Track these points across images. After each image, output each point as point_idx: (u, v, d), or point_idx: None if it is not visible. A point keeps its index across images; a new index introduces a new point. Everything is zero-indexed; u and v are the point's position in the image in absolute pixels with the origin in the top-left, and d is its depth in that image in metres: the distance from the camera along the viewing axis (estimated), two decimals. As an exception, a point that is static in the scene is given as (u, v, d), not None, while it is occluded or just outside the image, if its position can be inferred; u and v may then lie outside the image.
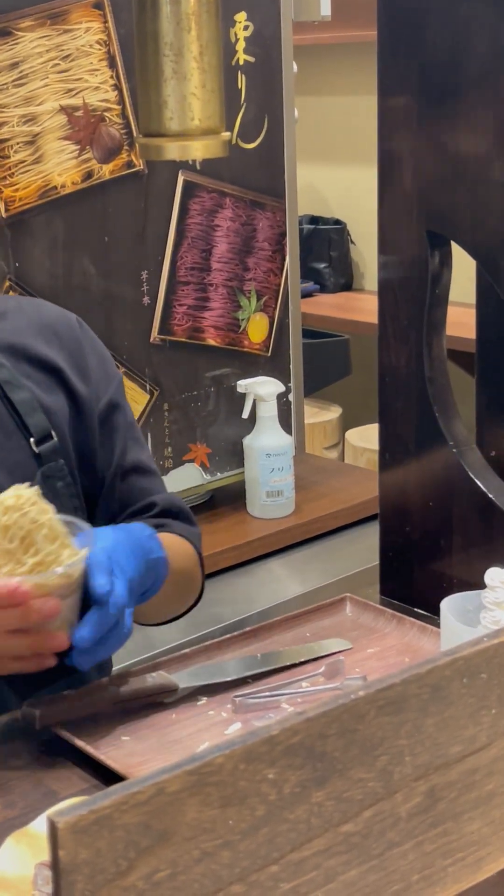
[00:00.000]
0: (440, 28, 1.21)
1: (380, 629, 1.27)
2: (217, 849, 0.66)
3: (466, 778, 0.78)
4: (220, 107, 0.84)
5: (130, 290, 1.83)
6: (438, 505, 1.32)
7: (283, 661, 1.20)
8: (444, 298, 1.29)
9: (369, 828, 0.74)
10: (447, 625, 1.10)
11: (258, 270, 1.99)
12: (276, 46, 1.94)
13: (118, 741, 1.08)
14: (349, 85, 3.75)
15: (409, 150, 1.27)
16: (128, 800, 0.62)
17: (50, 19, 1.67)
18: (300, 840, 0.70)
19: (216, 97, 0.84)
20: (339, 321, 3.44)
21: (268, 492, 1.94)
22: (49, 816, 0.59)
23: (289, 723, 0.68)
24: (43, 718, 1.06)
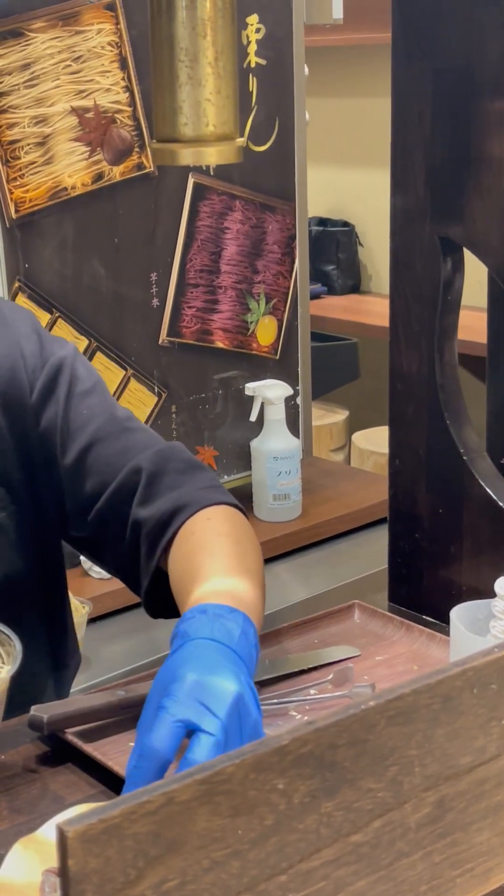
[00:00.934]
0: (455, 32, 1.21)
1: (388, 636, 1.27)
2: (226, 858, 0.66)
3: (476, 788, 0.78)
4: (234, 113, 0.84)
5: (140, 291, 1.83)
6: (448, 512, 1.32)
7: (290, 667, 1.20)
8: (456, 305, 1.28)
9: (378, 838, 0.73)
10: (457, 634, 1.09)
11: (267, 273, 1.99)
12: (288, 49, 1.94)
13: (126, 747, 1.07)
14: (358, 87, 3.74)
15: (423, 155, 1.26)
16: (137, 809, 0.62)
17: (62, 20, 1.67)
18: (309, 850, 0.70)
19: (231, 103, 0.83)
20: (346, 323, 3.44)
21: (275, 495, 1.94)
22: (59, 825, 0.59)
23: (299, 732, 0.67)
24: (51, 724, 1.06)
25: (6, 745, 1.09)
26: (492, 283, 1.35)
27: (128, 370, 1.83)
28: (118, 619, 1.73)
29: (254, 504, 1.97)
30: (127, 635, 1.69)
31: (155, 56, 0.84)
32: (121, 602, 1.72)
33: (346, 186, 3.83)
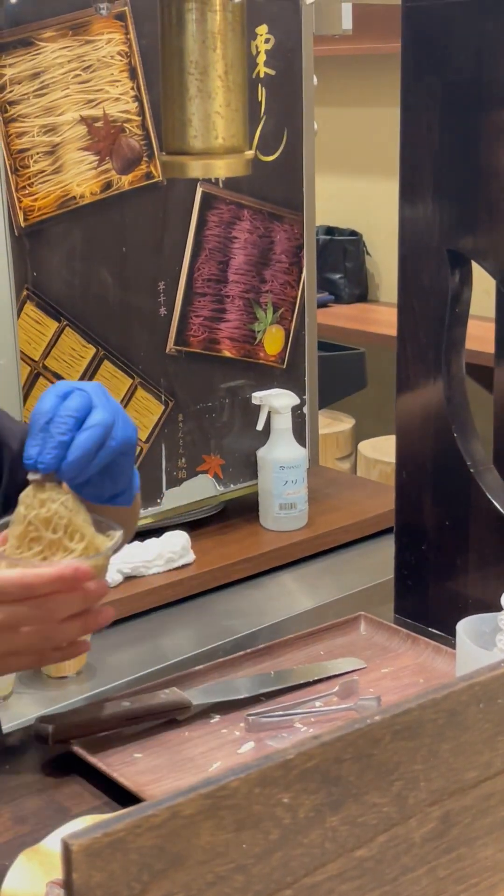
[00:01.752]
0: (464, 45, 1.21)
1: (394, 649, 1.27)
2: (230, 873, 0.66)
3: (481, 803, 0.78)
4: (244, 125, 0.84)
5: (147, 300, 1.83)
6: (455, 524, 1.32)
7: (296, 679, 1.20)
8: (463, 317, 1.28)
9: (383, 853, 0.73)
10: (463, 647, 1.09)
11: (275, 283, 1.99)
12: (297, 59, 1.94)
13: (130, 758, 1.07)
14: (366, 97, 3.75)
15: (431, 168, 1.26)
16: (142, 823, 0.62)
17: (72, 30, 1.67)
18: (314, 864, 0.70)
19: (240, 116, 0.84)
20: (353, 332, 3.44)
21: (281, 504, 1.94)
22: (63, 838, 0.59)
23: (304, 747, 0.67)
24: (55, 734, 1.06)
25: (11, 755, 1.09)
26: (499, 293, 1.35)
27: (135, 379, 1.83)
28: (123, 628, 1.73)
29: (260, 513, 1.97)
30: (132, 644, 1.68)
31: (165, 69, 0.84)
32: (126, 610, 1.72)
33: (353, 195, 3.83)
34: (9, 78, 1.62)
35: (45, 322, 1.72)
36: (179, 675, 1.20)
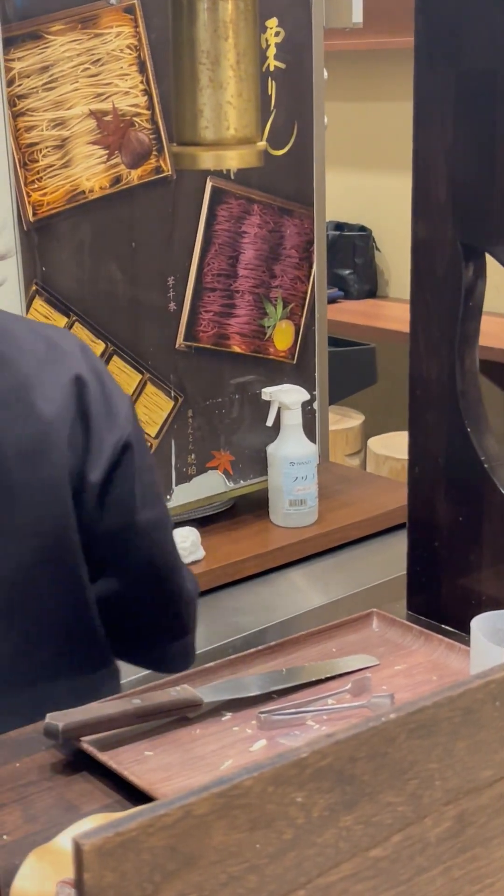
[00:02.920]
0: (478, 36, 1.20)
1: (407, 646, 1.26)
2: (243, 873, 0.65)
3: (497, 802, 0.77)
4: (256, 116, 0.83)
5: (157, 295, 1.82)
6: (468, 520, 1.31)
7: (308, 676, 1.19)
8: (477, 311, 1.27)
9: (398, 852, 0.72)
10: (477, 644, 1.08)
11: (285, 278, 1.98)
12: (307, 53, 1.93)
13: (141, 756, 1.06)
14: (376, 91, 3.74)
15: (444, 160, 1.25)
16: (154, 822, 0.61)
17: (81, 23, 1.66)
18: (328, 864, 0.69)
19: (252, 106, 0.83)
20: (363, 328, 3.43)
21: (291, 500, 1.93)
22: (75, 838, 0.58)
23: (318, 745, 0.67)
24: (66, 732, 1.05)
25: (21, 753, 1.08)
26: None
27: (144, 374, 1.82)
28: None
29: (270, 509, 1.97)
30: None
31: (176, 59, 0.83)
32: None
33: (363, 191, 3.82)
34: (17, 72, 1.62)
35: (55, 317, 1.71)
36: (190, 672, 1.19)
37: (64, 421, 1.13)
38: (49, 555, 1.14)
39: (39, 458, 1.11)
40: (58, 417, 1.12)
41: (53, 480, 1.12)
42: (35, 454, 1.11)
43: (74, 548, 1.16)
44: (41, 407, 1.11)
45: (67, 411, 1.13)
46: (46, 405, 1.12)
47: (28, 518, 1.12)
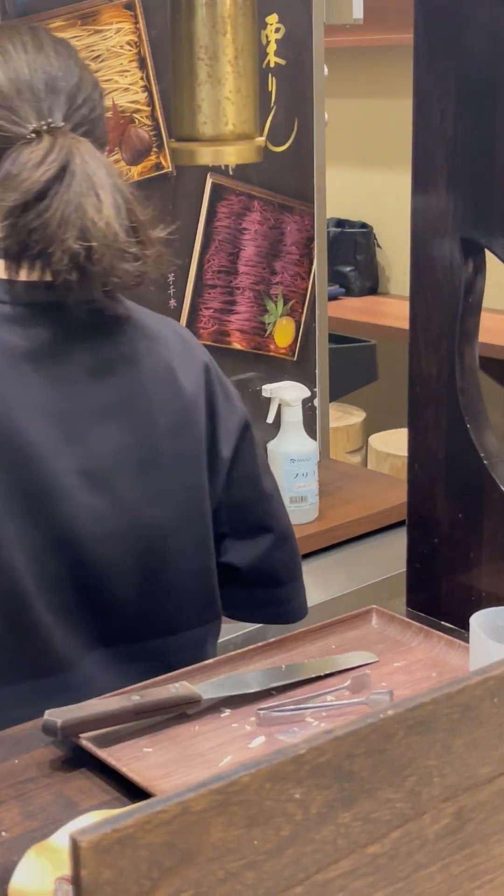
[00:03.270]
0: (478, 32, 1.20)
1: (406, 642, 1.26)
2: (241, 869, 0.65)
3: (495, 799, 0.77)
4: (254, 112, 0.83)
5: (157, 292, 1.82)
6: (468, 517, 1.31)
7: (307, 673, 1.19)
8: (477, 307, 1.27)
9: (396, 849, 0.72)
10: (476, 641, 1.08)
11: (285, 274, 1.98)
12: (308, 49, 1.93)
13: (140, 753, 1.06)
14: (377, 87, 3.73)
15: (444, 157, 1.25)
16: (152, 819, 0.61)
17: (81, 20, 1.66)
18: (326, 861, 0.69)
19: (251, 102, 0.82)
20: (364, 325, 3.43)
21: (292, 497, 1.93)
22: (72, 835, 0.58)
23: (316, 742, 0.66)
24: (65, 728, 1.05)
25: (20, 749, 1.08)
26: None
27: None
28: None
29: (271, 506, 1.96)
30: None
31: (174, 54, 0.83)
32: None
33: (364, 187, 3.82)
34: (17, 68, 1.61)
35: (55, 314, 1.71)
36: (189, 668, 1.19)
37: (198, 402, 1.29)
38: (185, 522, 1.27)
39: (183, 432, 1.27)
40: (195, 398, 1.28)
41: (193, 453, 1.28)
42: (180, 427, 1.26)
43: (206, 517, 1.30)
44: (184, 386, 1.27)
45: (199, 394, 1.29)
46: (187, 386, 1.28)
47: (171, 485, 1.26)
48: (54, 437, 1.19)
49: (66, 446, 1.19)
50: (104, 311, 1.23)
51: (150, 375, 1.25)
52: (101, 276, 1.17)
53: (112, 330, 1.25)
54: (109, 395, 1.23)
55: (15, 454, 1.16)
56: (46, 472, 1.18)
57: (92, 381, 1.22)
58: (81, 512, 1.20)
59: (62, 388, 1.20)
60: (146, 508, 1.24)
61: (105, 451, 1.22)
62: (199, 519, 1.29)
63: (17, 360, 1.18)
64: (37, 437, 1.17)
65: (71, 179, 1.16)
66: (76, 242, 1.15)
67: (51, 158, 1.16)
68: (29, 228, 1.15)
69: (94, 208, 1.16)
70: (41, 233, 1.15)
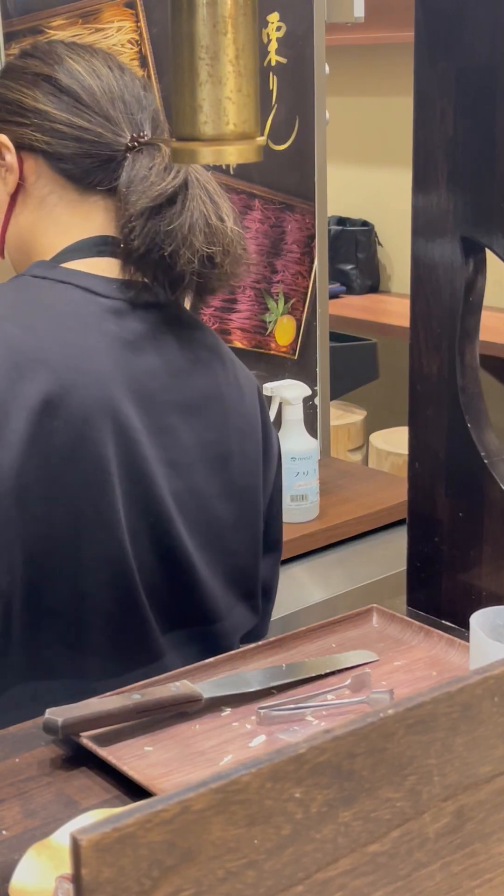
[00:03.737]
0: (478, 31, 1.20)
1: (407, 641, 1.26)
2: (242, 868, 0.65)
3: (496, 798, 0.77)
4: (255, 111, 0.83)
5: (158, 291, 1.82)
6: (468, 516, 1.31)
7: (308, 672, 1.19)
8: (477, 306, 1.27)
9: (396, 848, 0.72)
10: (476, 640, 1.08)
11: (286, 273, 1.98)
12: (309, 47, 1.92)
13: (141, 752, 1.06)
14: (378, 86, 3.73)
15: (445, 155, 1.25)
16: (152, 818, 0.61)
17: (82, 18, 1.66)
18: (326, 860, 0.69)
19: (252, 101, 0.82)
20: (365, 323, 3.43)
21: (292, 496, 1.93)
22: (72, 833, 0.58)
23: (316, 741, 0.66)
24: (65, 727, 1.05)
25: (20, 748, 1.09)
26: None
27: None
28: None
29: (271, 505, 1.96)
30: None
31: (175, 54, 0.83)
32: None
33: (365, 186, 3.82)
34: (18, 66, 1.61)
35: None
36: (190, 667, 1.19)
37: (256, 411, 1.39)
38: (243, 520, 1.36)
39: (247, 435, 1.36)
40: (253, 406, 1.39)
41: (254, 456, 1.37)
42: (245, 431, 1.36)
43: (260, 518, 1.39)
44: (248, 400, 1.38)
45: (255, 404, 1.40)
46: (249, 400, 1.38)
47: (237, 483, 1.34)
48: (147, 424, 1.25)
49: (155, 436, 1.26)
50: (186, 315, 1.33)
51: (223, 378, 1.34)
52: (219, 279, 1.27)
53: (192, 333, 1.33)
54: (191, 392, 1.30)
55: (120, 433, 1.22)
56: (145, 456, 1.24)
57: (177, 377, 1.29)
58: (170, 499, 1.27)
59: (155, 380, 1.27)
60: (217, 502, 1.32)
61: (188, 445, 1.29)
62: (254, 519, 1.38)
63: (118, 349, 1.24)
64: (135, 422, 1.23)
65: (193, 187, 1.24)
66: (204, 246, 1.23)
67: (176, 166, 1.24)
68: (157, 231, 1.22)
69: (216, 215, 1.25)
70: (173, 236, 1.23)
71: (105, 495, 1.21)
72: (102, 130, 1.26)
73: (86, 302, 1.25)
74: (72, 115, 1.26)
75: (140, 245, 1.23)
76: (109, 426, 1.21)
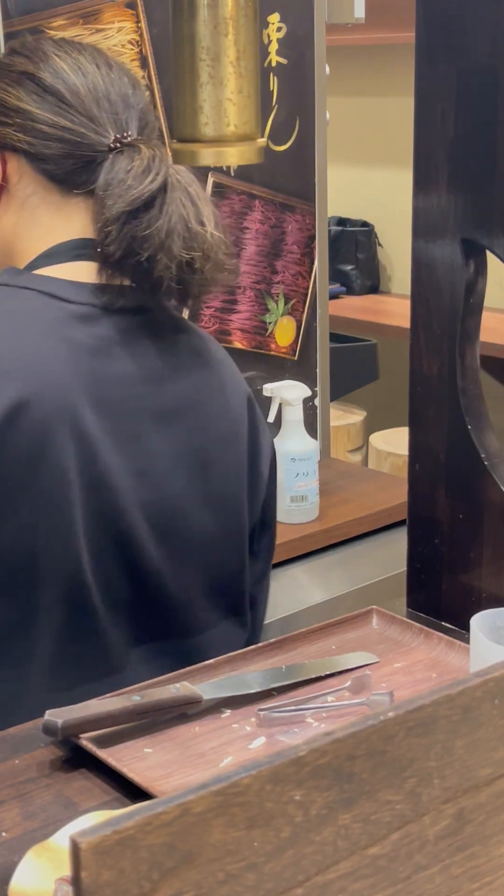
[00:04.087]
0: (479, 32, 1.20)
1: (407, 643, 1.26)
2: (242, 871, 0.65)
3: (496, 800, 0.77)
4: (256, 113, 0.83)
5: (158, 291, 1.82)
6: (468, 517, 1.31)
7: (308, 673, 1.19)
8: (478, 308, 1.27)
9: (396, 851, 0.72)
10: (477, 642, 1.08)
11: (286, 273, 1.98)
12: (309, 48, 1.92)
13: (141, 753, 1.06)
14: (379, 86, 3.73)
15: (446, 157, 1.25)
16: (152, 820, 0.61)
17: (82, 18, 1.66)
18: (326, 862, 0.69)
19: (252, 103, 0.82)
20: (365, 324, 3.43)
21: (292, 496, 1.93)
22: (72, 836, 0.58)
23: (317, 744, 0.66)
24: (65, 728, 1.05)
25: (20, 749, 1.08)
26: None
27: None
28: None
29: (271, 506, 1.96)
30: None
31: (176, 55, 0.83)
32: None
33: (365, 186, 3.82)
34: (19, 67, 1.61)
35: (56, 313, 1.71)
36: (190, 668, 1.19)
37: (242, 418, 1.35)
38: (225, 530, 1.33)
39: (229, 445, 1.33)
40: (240, 414, 1.35)
41: (236, 467, 1.34)
42: (227, 440, 1.32)
43: (244, 529, 1.35)
44: (231, 401, 1.34)
45: (243, 412, 1.35)
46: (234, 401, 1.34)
47: (217, 494, 1.31)
48: (111, 433, 1.22)
49: (121, 445, 1.22)
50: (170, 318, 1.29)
51: (205, 384, 1.31)
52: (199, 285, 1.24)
53: (176, 337, 1.30)
54: (167, 399, 1.27)
55: (80, 443, 1.19)
56: (108, 466, 1.21)
57: (152, 384, 1.26)
58: (137, 511, 1.23)
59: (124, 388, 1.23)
60: (195, 513, 1.29)
61: (161, 453, 1.26)
62: (237, 529, 1.34)
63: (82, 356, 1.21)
64: (96, 431, 1.20)
65: (173, 191, 1.21)
66: (182, 251, 1.20)
67: (155, 169, 1.21)
68: (134, 236, 1.20)
69: (196, 219, 1.22)
70: (150, 241, 1.19)
71: (62, 508, 1.18)
72: (85, 131, 1.23)
73: (48, 308, 1.21)
74: (54, 115, 1.23)
75: (116, 250, 1.20)
76: (69, 436, 1.17)
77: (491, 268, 1.28)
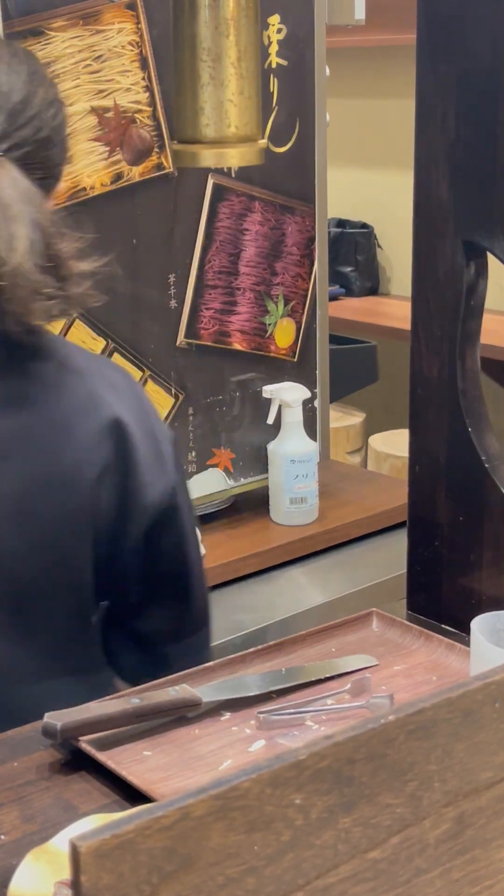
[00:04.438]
0: (480, 34, 1.19)
1: (407, 646, 1.25)
2: (242, 874, 0.65)
3: (496, 804, 0.77)
4: (257, 114, 0.83)
5: (157, 293, 1.82)
6: (468, 520, 1.31)
7: (307, 676, 1.18)
8: (478, 310, 1.27)
9: (397, 854, 0.72)
10: (477, 645, 1.08)
11: (286, 275, 1.97)
12: (309, 50, 1.92)
13: (140, 756, 1.06)
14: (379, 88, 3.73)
15: (446, 158, 1.25)
16: (152, 824, 0.60)
17: (82, 19, 1.66)
18: (326, 866, 0.69)
19: (253, 104, 0.82)
20: (364, 326, 3.42)
21: (291, 498, 1.93)
22: (71, 840, 0.58)
23: (317, 747, 0.66)
24: (64, 731, 1.05)
25: (19, 752, 1.08)
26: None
27: (145, 371, 1.82)
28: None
29: (270, 507, 1.96)
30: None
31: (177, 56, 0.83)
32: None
33: (365, 188, 3.82)
34: (19, 68, 1.61)
35: (55, 314, 1.71)
36: (189, 671, 1.19)
37: (93, 458, 1.18)
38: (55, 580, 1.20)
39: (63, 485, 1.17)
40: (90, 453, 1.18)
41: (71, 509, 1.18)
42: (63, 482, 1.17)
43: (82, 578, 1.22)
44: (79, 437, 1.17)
45: (97, 451, 1.18)
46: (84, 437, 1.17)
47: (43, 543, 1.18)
48: None
49: None
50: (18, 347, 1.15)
51: (44, 419, 1.16)
52: (14, 315, 1.10)
53: (22, 366, 1.16)
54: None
55: None
56: None
57: None
58: None
59: None
60: (15, 563, 1.17)
61: None
62: (71, 579, 1.21)
63: None
64: None
65: None
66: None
67: None
68: None
69: (6, 244, 1.08)
70: None
71: None
72: None
73: None
74: None
75: None
76: None
77: (491, 270, 1.28)
